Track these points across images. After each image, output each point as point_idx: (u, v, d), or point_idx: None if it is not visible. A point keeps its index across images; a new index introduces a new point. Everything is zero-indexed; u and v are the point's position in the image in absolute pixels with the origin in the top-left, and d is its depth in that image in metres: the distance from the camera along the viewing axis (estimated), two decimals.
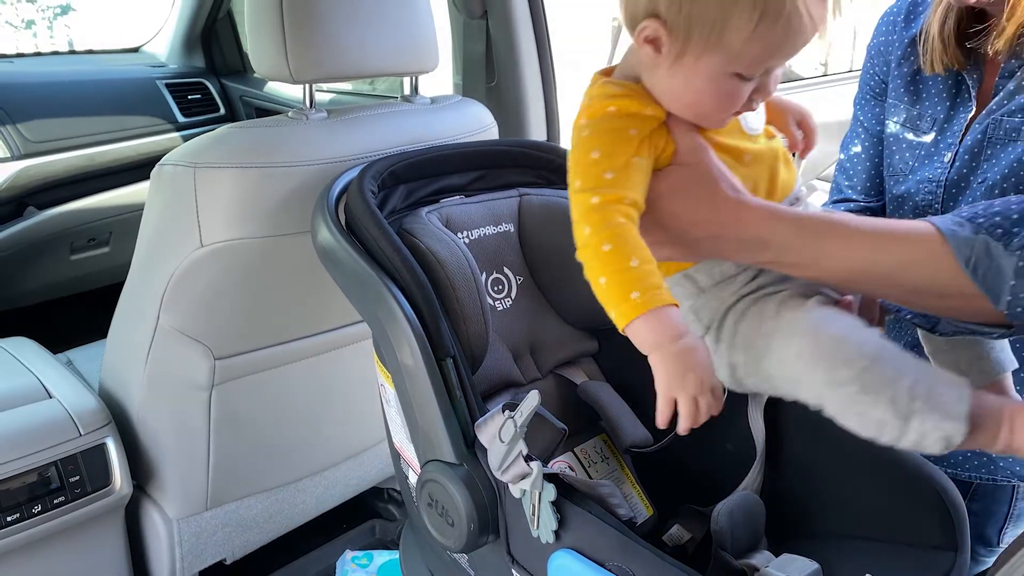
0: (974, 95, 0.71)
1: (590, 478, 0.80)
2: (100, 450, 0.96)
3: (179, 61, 2.02)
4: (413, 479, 0.77)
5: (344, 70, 0.87)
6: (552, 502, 0.61)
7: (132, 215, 1.70)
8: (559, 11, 1.36)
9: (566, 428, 0.63)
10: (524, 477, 0.62)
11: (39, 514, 0.92)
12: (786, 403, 0.61)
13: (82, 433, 0.95)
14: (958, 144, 0.72)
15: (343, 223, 0.76)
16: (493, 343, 0.78)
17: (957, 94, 0.73)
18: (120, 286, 0.98)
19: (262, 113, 1.93)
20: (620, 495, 0.70)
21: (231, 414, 1.00)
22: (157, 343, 0.93)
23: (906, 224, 0.54)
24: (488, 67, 1.32)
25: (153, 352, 0.94)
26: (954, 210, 0.69)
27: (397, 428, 0.78)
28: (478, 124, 1.01)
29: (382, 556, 1.27)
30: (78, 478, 0.94)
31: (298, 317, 0.99)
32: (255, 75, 1.96)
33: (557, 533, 0.62)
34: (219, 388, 0.97)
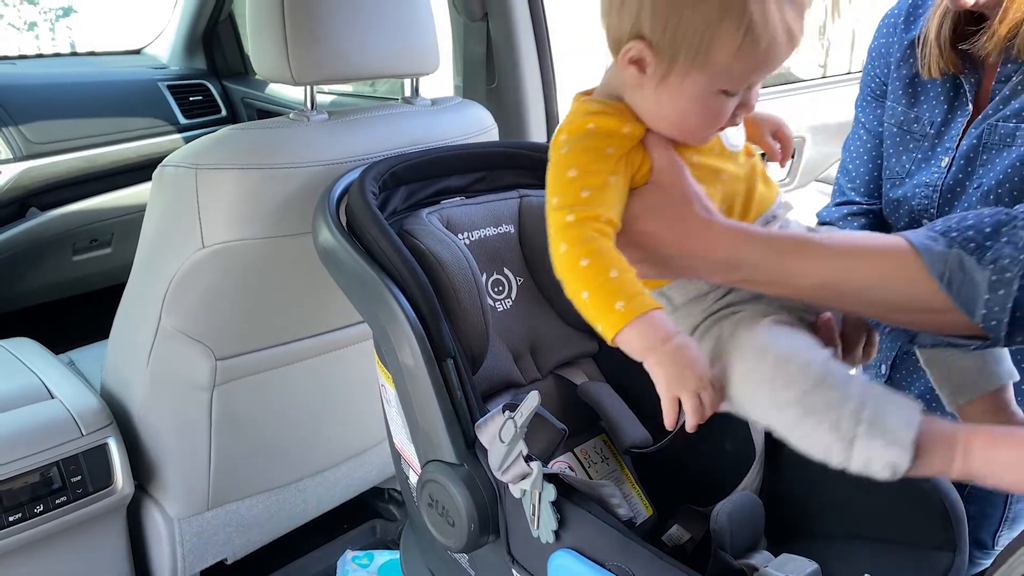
0: (971, 99, 0.71)
1: (590, 478, 0.81)
2: (102, 450, 0.96)
3: (181, 63, 2.03)
4: (414, 479, 0.77)
5: (345, 72, 0.87)
6: (552, 502, 0.61)
7: (134, 216, 1.71)
8: (559, 12, 1.36)
9: (566, 428, 0.63)
10: (524, 477, 0.62)
11: (41, 514, 0.92)
12: None
13: (84, 433, 0.95)
14: (955, 149, 0.71)
15: (344, 224, 0.76)
16: (493, 344, 0.78)
17: (955, 97, 0.73)
18: (122, 287, 0.98)
19: (263, 115, 1.94)
20: (620, 495, 0.70)
21: (232, 414, 1.00)
22: (159, 343, 0.93)
23: (879, 239, 0.55)
24: (488, 69, 1.32)
25: (155, 352, 0.94)
26: (949, 215, 0.69)
27: (398, 428, 0.78)
28: (478, 126, 1.01)
29: (383, 556, 1.27)
30: (80, 478, 0.94)
31: (299, 318, 1.00)
32: (256, 77, 1.96)
33: (557, 533, 0.62)
34: (220, 388, 0.97)
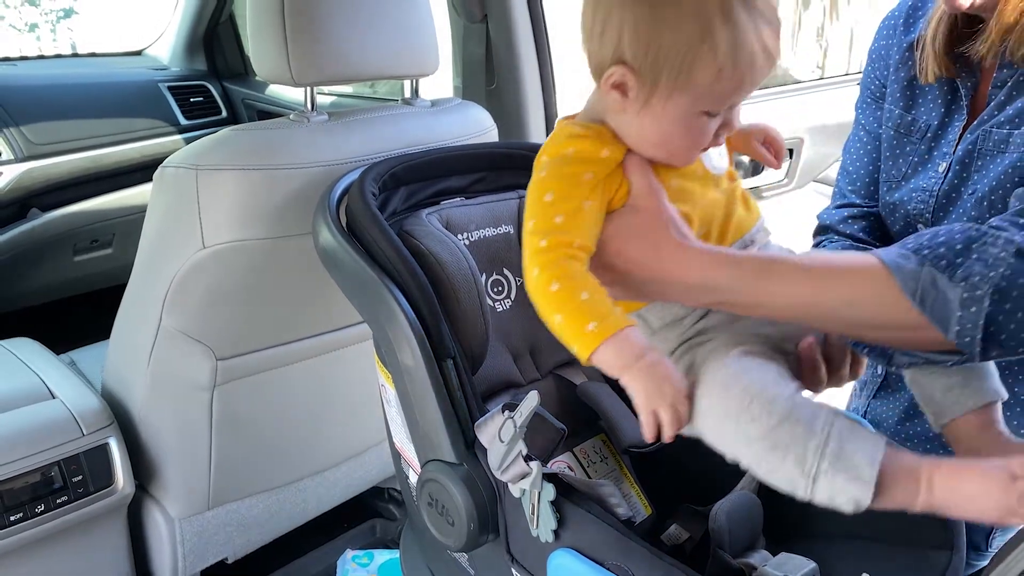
0: (966, 104, 0.71)
1: (589, 478, 0.81)
2: (103, 450, 0.96)
3: (181, 64, 2.03)
4: (413, 479, 0.77)
5: (345, 73, 0.87)
6: (551, 502, 0.61)
7: (135, 217, 1.71)
8: (559, 13, 1.36)
9: (565, 428, 0.63)
10: (524, 477, 0.62)
11: (42, 514, 0.92)
12: None
13: (85, 433, 0.95)
14: (952, 154, 0.71)
15: (344, 225, 0.76)
16: (493, 344, 0.78)
17: (952, 101, 0.72)
18: (123, 287, 0.98)
19: (264, 116, 1.94)
20: (619, 495, 0.71)
21: (233, 414, 1.00)
22: (159, 344, 0.93)
23: (851, 259, 0.55)
24: (488, 70, 1.33)
25: (155, 353, 0.94)
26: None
27: (397, 428, 0.79)
28: (478, 127, 1.01)
29: (383, 555, 1.27)
30: (81, 478, 0.95)
31: (299, 318, 1.00)
32: (257, 78, 1.97)
33: (556, 532, 0.62)
34: (221, 388, 0.97)
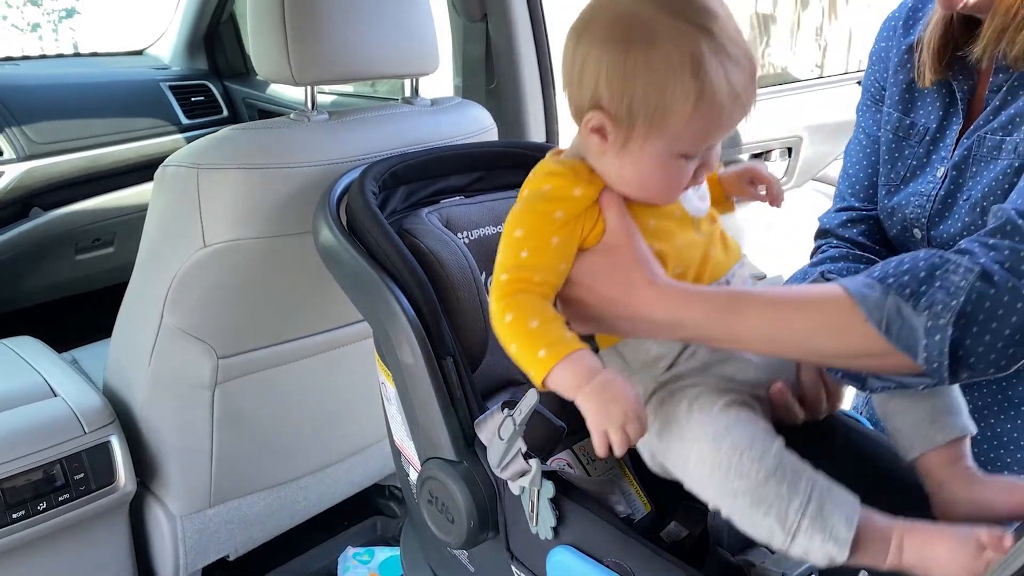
0: (962, 108, 0.70)
1: (589, 475, 0.81)
2: (104, 448, 0.97)
3: (182, 64, 2.03)
4: (414, 476, 0.77)
5: (345, 72, 0.88)
6: (551, 499, 0.62)
7: (136, 216, 1.71)
8: (558, 12, 1.37)
9: (565, 426, 0.63)
10: (523, 475, 0.62)
11: (44, 511, 0.93)
12: None
13: (87, 431, 0.96)
14: (949, 159, 0.70)
15: (344, 223, 0.76)
16: (493, 342, 0.79)
17: (951, 104, 0.71)
18: (124, 286, 0.98)
19: (264, 115, 1.94)
20: (618, 492, 0.71)
21: (234, 412, 1.01)
22: (161, 342, 0.94)
23: (817, 291, 0.57)
24: (488, 69, 1.33)
25: (157, 351, 0.94)
26: (941, 226, 0.69)
27: (398, 426, 0.79)
28: (478, 126, 1.02)
29: (383, 552, 1.27)
30: (83, 475, 0.95)
31: (300, 316, 1.00)
32: (257, 77, 1.97)
33: (556, 530, 0.62)
34: (222, 386, 0.98)
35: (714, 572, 0.66)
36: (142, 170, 1.75)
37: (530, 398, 0.60)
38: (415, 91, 1.00)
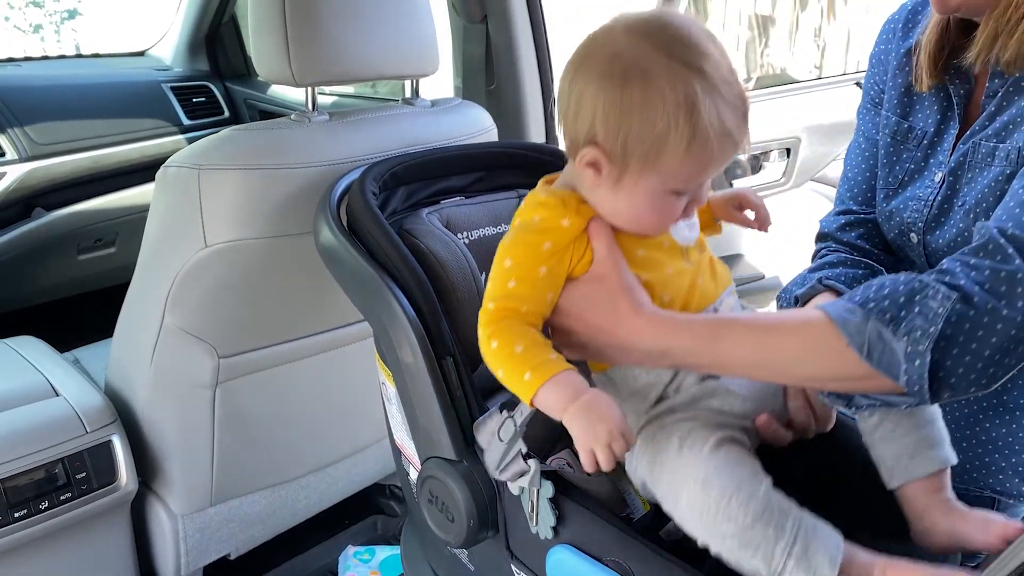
0: (958, 113, 0.69)
1: (588, 475, 0.81)
2: (106, 447, 0.97)
3: (184, 65, 2.04)
4: (414, 475, 0.78)
5: (346, 73, 0.88)
6: (550, 499, 0.62)
7: (138, 216, 1.71)
8: (557, 15, 1.37)
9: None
10: (522, 475, 0.63)
11: (46, 510, 0.93)
12: None
13: (88, 430, 0.96)
14: (947, 164, 0.70)
15: (345, 224, 0.77)
16: None
17: (948, 108, 0.71)
18: (126, 286, 0.99)
19: (265, 116, 1.95)
20: (617, 491, 0.71)
21: (235, 411, 1.01)
22: (162, 342, 0.94)
23: (799, 316, 0.58)
24: (488, 70, 1.33)
25: (158, 351, 0.95)
26: (938, 231, 0.69)
27: (398, 425, 0.79)
28: (478, 126, 1.02)
29: (384, 551, 1.28)
30: (84, 475, 0.95)
31: (301, 316, 1.00)
32: (258, 78, 1.97)
33: (555, 529, 0.63)
34: (223, 386, 0.98)
35: (713, 571, 0.66)
36: (144, 171, 1.76)
37: None
38: (415, 92, 1.01)
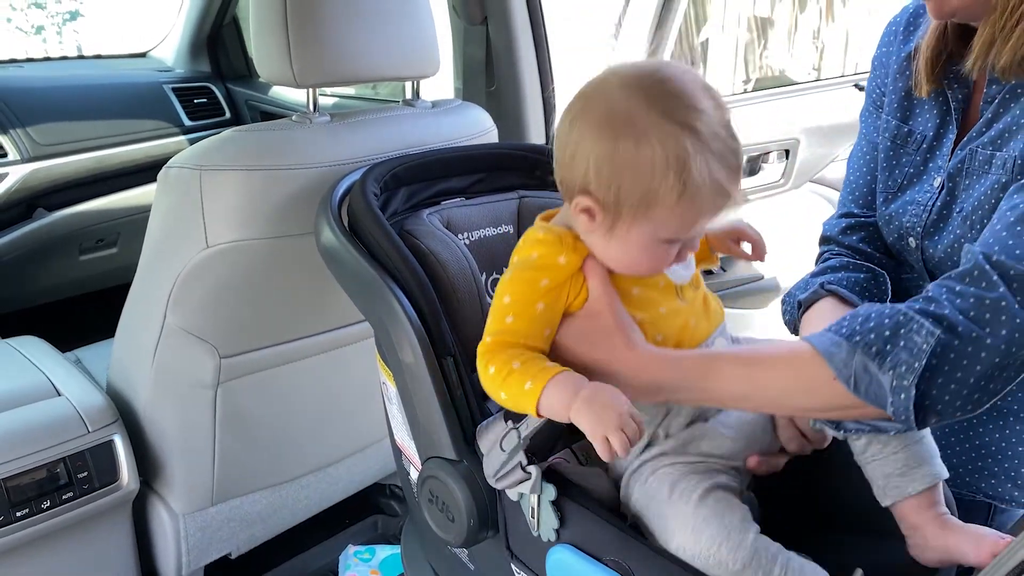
0: (955, 119, 0.69)
1: (582, 466, 0.81)
2: (108, 447, 0.97)
3: (185, 66, 2.05)
4: (414, 475, 0.78)
5: (347, 75, 0.88)
6: (552, 502, 0.62)
7: (139, 216, 1.71)
8: (557, 16, 1.37)
9: (564, 425, 0.64)
10: (521, 483, 0.63)
11: (48, 509, 0.93)
12: None
13: (90, 430, 0.96)
14: (945, 169, 0.70)
15: (346, 225, 0.77)
16: None
17: (947, 113, 0.71)
18: (127, 286, 0.99)
19: (267, 117, 1.95)
20: (611, 483, 0.71)
21: (236, 411, 1.01)
22: (164, 342, 0.94)
23: (786, 350, 0.59)
24: (488, 72, 1.33)
25: (160, 351, 0.95)
26: (936, 236, 0.69)
27: (398, 425, 0.79)
28: (478, 128, 1.02)
29: (384, 551, 1.28)
30: (86, 474, 0.96)
31: (302, 316, 1.01)
32: (260, 80, 1.98)
33: (558, 531, 0.63)
34: (224, 386, 0.98)
35: None
36: (145, 171, 1.76)
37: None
38: (416, 93, 1.01)
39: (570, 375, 0.57)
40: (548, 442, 0.64)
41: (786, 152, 1.68)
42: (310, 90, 0.89)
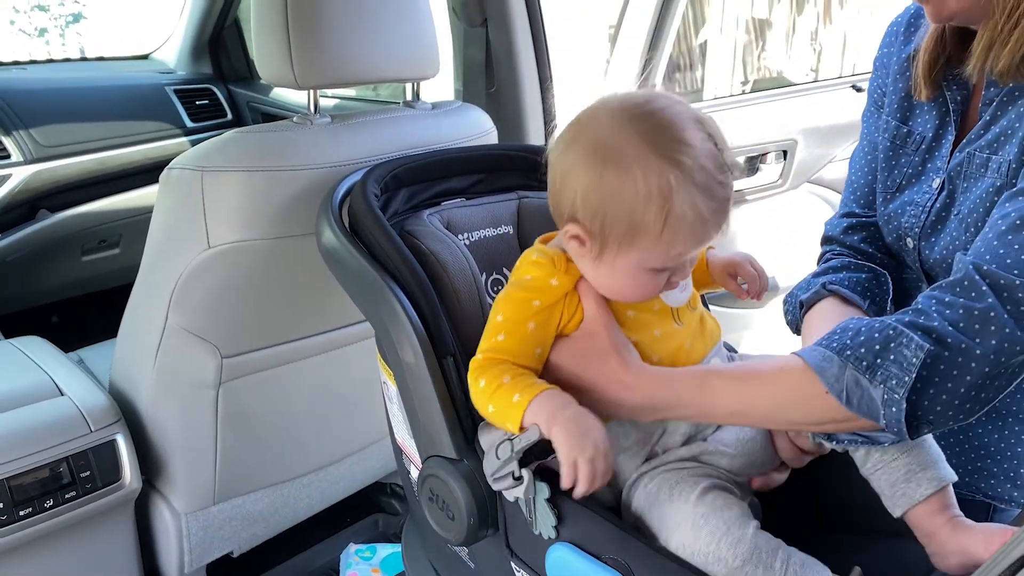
0: (954, 121, 0.69)
1: None
2: (110, 446, 0.98)
3: (187, 68, 2.05)
4: (415, 474, 0.78)
5: (348, 76, 0.88)
6: (547, 500, 0.62)
7: (142, 217, 1.72)
8: (557, 16, 1.38)
9: None
10: (515, 486, 0.63)
11: (51, 508, 0.94)
12: None
13: (93, 429, 0.97)
14: (945, 171, 0.70)
15: (347, 225, 0.77)
16: None
17: (947, 114, 0.71)
18: (130, 287, 0.99)
19: (268, 118, 1.96)
20: (612, 494, 0.71)
21: (238, 411, 1.02)
22: (166, 342, 0.95)
23: (778, 365, 0.60)
24: (488, 73, 1.34)
25: (162, 351, 0.95)
26: (934, 238, 0.69)
27: (399, 424, 0.80)
28: (478, 129, 1.02)
29: (385, 549, 1.28)
30: (89, 473, 0.96)
31: (303, 316, 1.01)
32: (261, 81, 1.99)
33: (557, 529, 0.63)
34: (226, 386, 0.99)
35: None
36: (147, 173, 1.77)
37: (532, 434, 0.60)
38: (416, 95, 1.01)
39: (559, 392, 0.57)
40: (543, 454, 0.64)
41: (784, 153, 1.69)
42: (311, 92, 0.89)
